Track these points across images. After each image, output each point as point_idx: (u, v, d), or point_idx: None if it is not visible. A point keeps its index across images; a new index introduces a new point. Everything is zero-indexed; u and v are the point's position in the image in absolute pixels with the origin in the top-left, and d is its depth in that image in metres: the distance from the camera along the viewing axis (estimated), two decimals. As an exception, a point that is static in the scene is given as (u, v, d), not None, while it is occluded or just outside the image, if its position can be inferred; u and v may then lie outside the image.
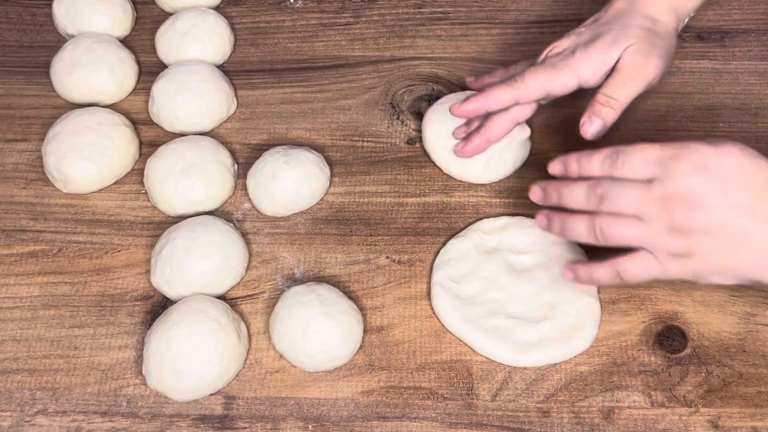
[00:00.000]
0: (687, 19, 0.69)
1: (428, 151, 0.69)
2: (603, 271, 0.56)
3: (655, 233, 0.53)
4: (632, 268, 0.55)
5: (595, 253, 0.59)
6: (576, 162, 0.57)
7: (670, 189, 0.52)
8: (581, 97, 0.65)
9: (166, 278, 0.61)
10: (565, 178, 0.58)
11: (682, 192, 0.51)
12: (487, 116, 0.67)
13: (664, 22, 0.65)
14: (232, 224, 0.64)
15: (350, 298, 0.61)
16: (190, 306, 0.59)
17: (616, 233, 0.54)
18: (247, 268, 0.64)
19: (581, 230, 0.56)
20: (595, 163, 0.56)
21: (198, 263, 0.61)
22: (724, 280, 0.53)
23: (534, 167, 0.69)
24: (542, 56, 0.66)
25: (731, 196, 0.51)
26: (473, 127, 0.68)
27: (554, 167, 0.59)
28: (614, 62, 0.63)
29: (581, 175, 0.57)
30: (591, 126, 0.63)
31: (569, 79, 0.64)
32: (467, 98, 0.66)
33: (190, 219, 0.64)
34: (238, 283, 0.63)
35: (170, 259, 0.61)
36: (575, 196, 0.56)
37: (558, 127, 0.72)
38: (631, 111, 0.72)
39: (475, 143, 0.66)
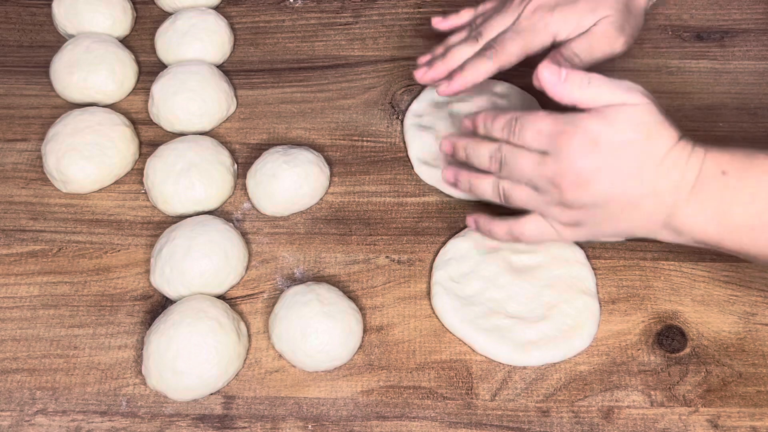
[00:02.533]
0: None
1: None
2: (499, 227, 0.59)
3: (547, 204, 0.55)
4: (527, 230, 0.58)
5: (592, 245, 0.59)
6: (482, 121, 0.58)
7: (559, 169, 0.53)
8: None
9: (166, 278, 0.61)
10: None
11: (570, 173, 0.53)
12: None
13: (635, 4, 0.65)
14: (231, 224, 0.64)
15: (350, 297, 0.61)
16: (190, 306, 0.59)
17: (516, 198, 0.57)
18: (247, 268, 0.64)
19: (487, 189, 0.59)
20: (497, 126, 0.57)
21: (198, 263, 0.61)
22: (615, 239, 0.59)
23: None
24: None
25: (620, 170, 0.52)
26: (438, 53, 0.68)
27: (465, 122, 0.60)
28: (589, 27, 0.63)
29: (485, 135, 0.58)
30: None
31: (546, 38, 0.64)
32: (451, 77, 0.65)
33: (189, 219, 0.64)
34: (238, 283, 0.63)
35: (170, 258, 0.61)
36: (480, 156, 0.58)
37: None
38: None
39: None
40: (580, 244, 0.64)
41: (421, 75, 0.67)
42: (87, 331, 0.61)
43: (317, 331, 0.57)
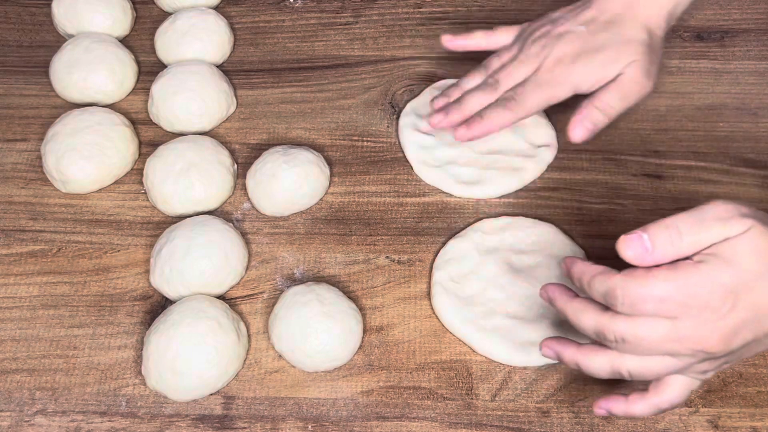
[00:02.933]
0: (674, 22, 0.67)
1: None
2: (643, 408, 0.51)
3: (691, 365, 0.48)
4: (674, 397, 0.50)
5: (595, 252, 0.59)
6: (578, 276, 0.50)
7: (702, 334, 0.46)
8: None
9: (166, 278, 0.61)
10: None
11: (715, 334, 0.46)
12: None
13: (658, 34, 0.64)
14: (231, 224, 0.64)
15: (350, 298, 0.61)
16: (190, 306, 0.59)
17: (650, 374, 0.49)
18: (247, 268, 0.64)
19: (602, 368, 0.50)
20: (595, 292, 0.48)
21: (197, 263, 0.61)
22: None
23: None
24: (529, 37, 0.65)
25: (764, 304, 0.46)
26: (452, 97, 0.67)
27: (562, 265, 0.53)
28: (613, 77, 0.62)
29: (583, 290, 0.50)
30: (582, 129, 0.62)
31: (568, 91, 0.63)
32: (468, 123, 0.64)
33: (189, 219, 0.64)
34: (238, 283, 0.63)
35: (169, 258, 0.61)
36: (586, 329, 0.49)
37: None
38: (630, 111, 0.72)
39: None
40: (580, 244, 0.64)
41: (437, 122, 0.66)
42: (87, 332, 0.61)
43: (317, 331, 0.57)
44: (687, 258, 0.46)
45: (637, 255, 0.46)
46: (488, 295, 0.61)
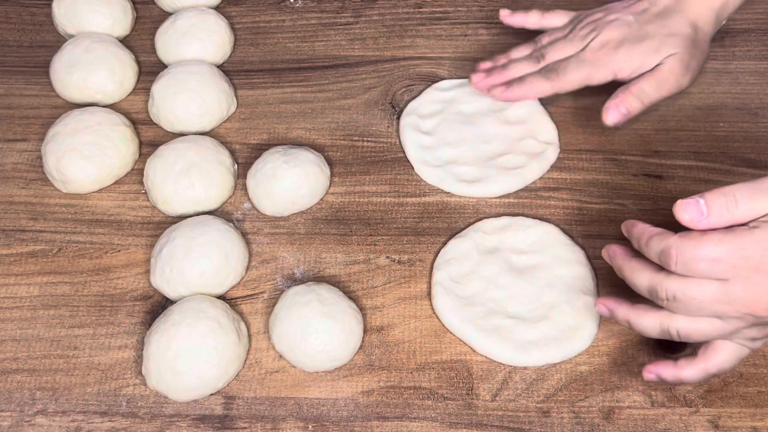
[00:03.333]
0: (724, 22, 0.69)
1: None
2: (691, 372, 0.53)
3: (739, 329, 0.49)
4: (723, 362, 0.51)
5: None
6: (636, 237, 0.52)
7: (753, 295, 0.47)
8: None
9: (166, 278, 0.61)
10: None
11: (766, 296, 0.47)
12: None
13: (704, 30, 0.67)
14: (231, 224, 0.64)
15: (350, 298, 0.61)
16: (190, 306, 0.59)
17: (698, 335, 0.50)
18: (247, 268, 0.64)
19: (652, 327, 0.52)
20: (652, 250, 0.50)
21: (198, 263, 0.61)
22: None
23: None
24: (581, 20, 0.68)
25: None
26: (499, 63, 0.70)
27: (623, 227, 0.54)
28: (654, 66, 0.65)
29: (639, 250, 0.52)
30: (616, 113, 0.64)
31: (608, 74, 0.66)
32: (508, 85, 0.68)
33: (189, 219, 0.64)
34: (238, 283, 0.63)
35: (170, 258, 0.61)
36: (639, 286, 0.51)
37: (577, 122, 0.72)
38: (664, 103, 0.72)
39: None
40: (580, 244, 0.64)
41: (478, 80, 0.69)
42: (87, 332, 0.61)
43: (317, 331, 0.57)
44: (742, 225, 0.47)
45: (693, 218, 0.48)
46: (488, 295, 0.61)
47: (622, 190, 0.68)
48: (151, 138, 0.72)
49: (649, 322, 0.51)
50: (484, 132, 0.70)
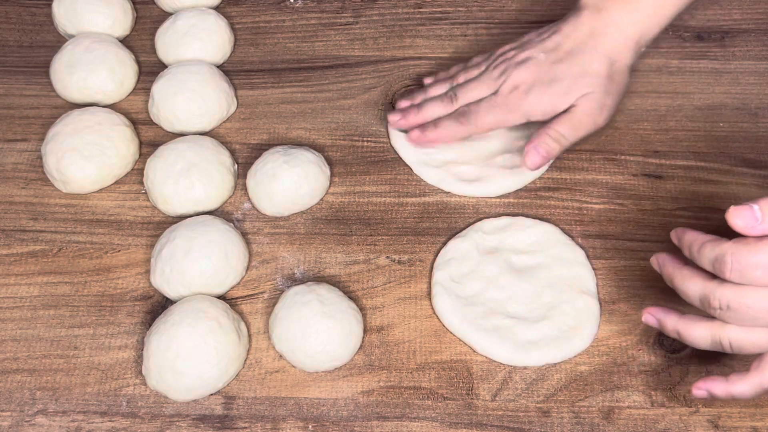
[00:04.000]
0: (644, 49, 0.67)
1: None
2: (746, 387, 0.50)
3: None
4: None
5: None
6: (687, 244, 0.50)
7: None
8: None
9: (166, 278, 0.61)
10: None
11: None
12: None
13: (621, 62, 0.65)
14: (231, 224, 0.64)
15: (350, 298, 0.61)
16: (190, 306, 0.59)
17: (751, 347, 0.49)
18: (247, 268, 0.64)
19: (703, 338, 0.50)
20: (704, 258, 0.49)
21: (198, 263, 0.61)
22: None
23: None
24: (496, 58, 0.67)
25: None
26: (416, 102, 0.69)
27: (672, 235, 0.53)
28: (566, 107, 0.64)
29: (691, 259, 0.50)
30: (536, 157, 0.64)
31: (520, 118, 0.65)
32: (423, 128, 0.67)
33: (189, 219, 0.64)
34: (238, 283, 0.63)
35: (170, 259, 0.61)
36: (689, 296, 0.50)
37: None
38: (630, 111, 0.72)
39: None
40: (580, 244, 0.64)
41: (394, 120, 0.69)
42: (87, 332, 0.61)
43: (317, 331, 0.57)
44: None
45: (747, 224, 0.47)
46: (488, 295, 0.61)
47: (621, 190, 0.68)
48: (151, 138, 0.72)
49: (700, 333, 0.50)
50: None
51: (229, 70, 0.76)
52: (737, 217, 0.47)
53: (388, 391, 0.58)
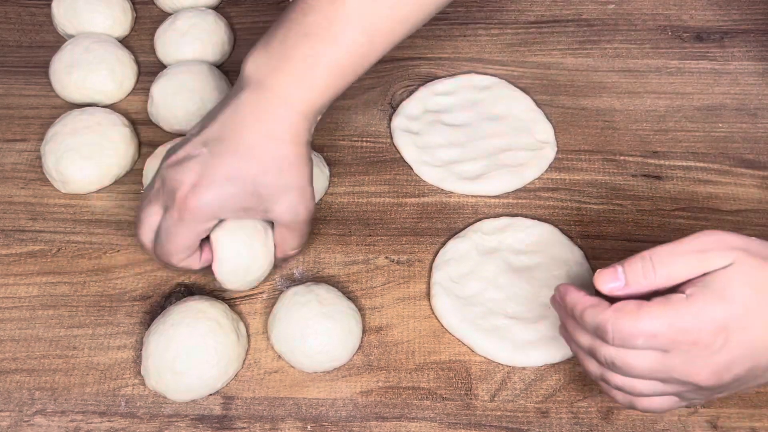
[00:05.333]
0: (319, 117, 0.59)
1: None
2: (621, 399, 0.49)
3: (681, 393, 0.47)
4: (655, 406, 0.48)
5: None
6: (570, 307, 0.49)
7: (692, 369, 0.45)
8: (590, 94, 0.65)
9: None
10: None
11: (705, 370, 0.45)
12: None
13: (296, 143, 0.55)
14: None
15: (349, 298, 0.61)
16: (189, 306, 0.59)
17: (635, 391, 0.47)
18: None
19: (593, 372, 0.49)
20: (587, 324, 0.47)
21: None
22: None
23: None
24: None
25: (755, 339, 0.45)
26: None
27: (554, 295, 0.51)
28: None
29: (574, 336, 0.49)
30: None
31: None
32: None
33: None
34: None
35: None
36: (581, 345, 0.49)
37: (576, 122, 0.72)
38: (630, 112, 0.72)
39: None
40: (579, 245, 0.64)
41: None
42: (86, 332, 0.61)
43: (316, 331, 0.57)
44: (679, 289, 0.45)
45: (612, 289, 0.46)
46: (488, 296, 0.61)
47: (620, 190, 0.68)
48: (150, 138, 0.72)
49: (592, 369, 0.49)
50: (480, 130, 0.71)
51: (228, 70, 0.76)
52: (602, 282, 0.47)
53: (387, 392, 0.58)
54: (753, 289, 0.44)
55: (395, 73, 0.76)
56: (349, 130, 0.72)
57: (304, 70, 0.55)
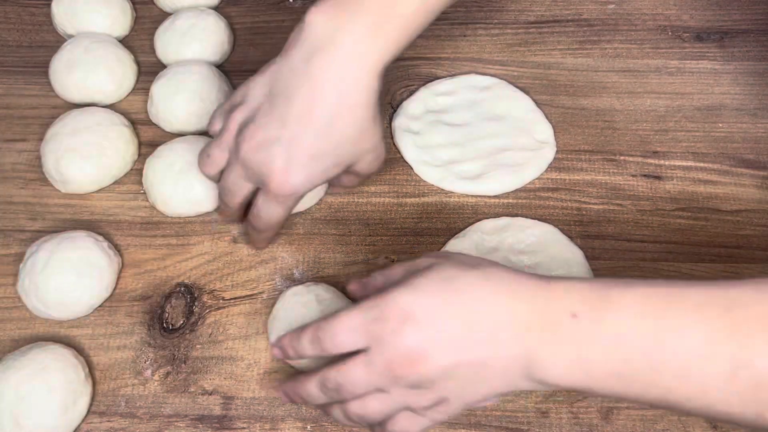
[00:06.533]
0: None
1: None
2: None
3: (403, 396, 0.47)
4: (403, 428, 0.49)
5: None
6: (289, 345, 0.51)
7: (389, 356, 0.46)
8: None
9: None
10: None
11: (398, 355, 0.46)
12: None
13: (368, 105, 0.57)
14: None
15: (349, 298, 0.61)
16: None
17: (373, 413, 0.49)
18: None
19: (337, 417, 0.51)
20: (304, 345, 0.50)
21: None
22: (491, 402, 0.50)
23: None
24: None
25: (446, 333, 0.46)
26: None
27: (275, 352, 0.53)
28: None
29: (298, 357, 0.52)
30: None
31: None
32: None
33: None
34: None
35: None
36: (314, 396, 0.51)
37: (576, 122, 0.72)
38: (630, 112, 0.72)
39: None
40: (579, 245, 0.64)
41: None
42: (86, 332, 0.61)
43: (316, 331, 0.57)
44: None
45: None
46: (487, 296, 0.61)
47: (620, 190, 0.68)
48: (150, 138, 0.72)
49: (336, 416, 0.51)
50: (480, 130, 0.71)
51: (228, 70, 0.76)
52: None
53: (387, 392, 0.58)
54: (445, 283, 0.47)
55: (396, 73, 0.76)
56: (349, 130, 0.72)
57: (379, 18, 0.55)
